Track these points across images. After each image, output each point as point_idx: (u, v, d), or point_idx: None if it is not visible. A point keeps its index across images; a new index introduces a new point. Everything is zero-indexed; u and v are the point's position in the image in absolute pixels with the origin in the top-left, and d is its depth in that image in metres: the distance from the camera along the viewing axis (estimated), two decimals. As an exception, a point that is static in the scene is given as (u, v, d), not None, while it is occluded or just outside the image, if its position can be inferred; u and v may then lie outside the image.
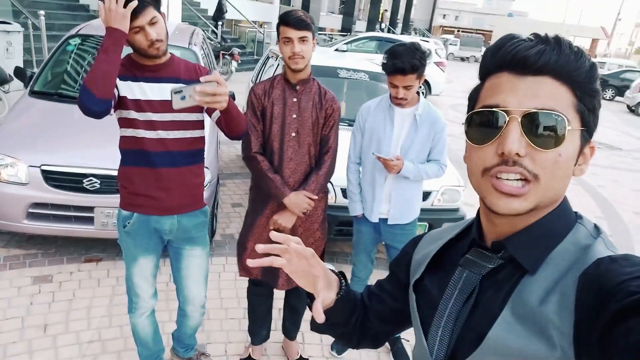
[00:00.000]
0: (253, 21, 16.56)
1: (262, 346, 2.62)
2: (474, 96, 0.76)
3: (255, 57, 15.29)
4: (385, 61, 2.24)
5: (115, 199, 3.10)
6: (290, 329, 2.62)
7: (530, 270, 0.67)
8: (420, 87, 8.60)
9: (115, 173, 3.09)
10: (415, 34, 31.20)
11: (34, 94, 3.78)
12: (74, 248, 3.49)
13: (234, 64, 11.89)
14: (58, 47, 4.09)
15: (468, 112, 0.74)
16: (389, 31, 25.78)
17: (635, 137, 12.24)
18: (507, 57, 0.68)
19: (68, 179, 3.08)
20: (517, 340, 0.64)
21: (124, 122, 1.90)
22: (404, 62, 2.16)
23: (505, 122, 0.66)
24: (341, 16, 24.18)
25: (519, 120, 0.65)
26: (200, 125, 2.00)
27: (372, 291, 1.00)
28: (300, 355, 2.66)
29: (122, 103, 1.85)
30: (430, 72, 11.98)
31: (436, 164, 2.45)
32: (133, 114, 1.86)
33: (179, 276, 2.21)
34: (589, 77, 0.66)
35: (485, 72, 0.73)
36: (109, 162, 3.04)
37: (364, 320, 0.97)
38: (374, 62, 5.48)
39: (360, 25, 26.26)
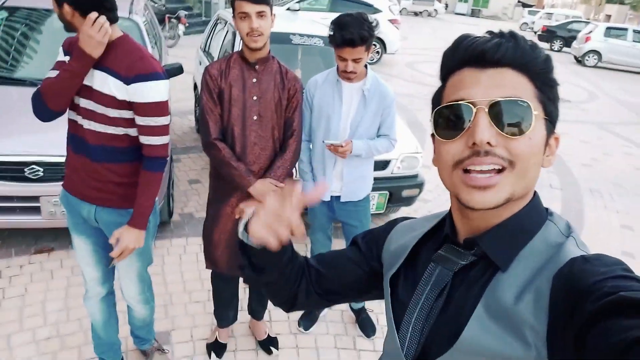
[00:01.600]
0: (199, -20, 15.73)
1: (229, 328, 2.60)
2: (437, 97, 0.76)
3: (203, 18, 14.61)
4: (332, 33, 2.13)
5: (60, 187, 2.95)
6: (257, 310, 2.61)
7: (502, 267, 0.68)
8: (375, 45, 8.51)
9: (59, 159, 2.96)
10: (368, -12, 30.49)
11: (-40, 75, 3.45)
12: (22, 239, 3.31)
13: (181, 27, 11.33)
14: (-18, 22, 3.72)
15: (433, 112, 0.74)
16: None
17: (583, 88, 12.67)
18: (465, 54, 0.70)
19: (8, 168, 2.87)
20: (492, 340, 0.64)
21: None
22: (353, 34, 2.06)
23: (472, 114, 0.66)
24: (291, -28, 23.30)
25: (486, 110, 0.65)
26: (116, 123, 1.79)
27: (327, 257, 0.98)
28: (268, 334, 2.66)
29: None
30: (385, 30, 11.82)
31: (386, 139, 2.42)
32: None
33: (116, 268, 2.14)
34: (545, 67, 0.69)
35: (446, 72, 0.74)
36: (53, 148, 2.86)
37: (303, 278, 0.93)
38: (326, 22, 5.32)
39: (311, -19, 25.38)
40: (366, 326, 2.81)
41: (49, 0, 4.11)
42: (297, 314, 2.86)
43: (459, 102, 0.68)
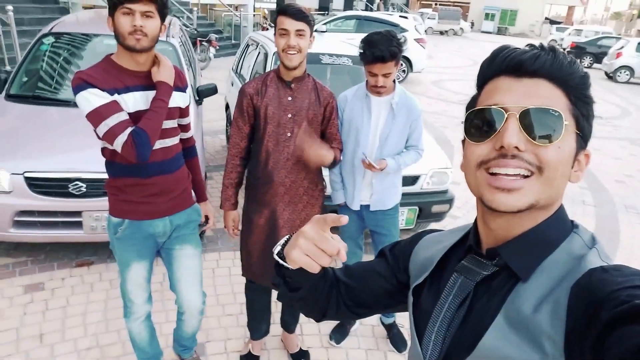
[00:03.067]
0: (228, 4, 16.24)
1: (261, 341, 2.64)
2: (471, 104, 0.77)
3: (232, 41, 15.03)
4: (362, 50, 2.22)
5: (102, 202, 3.07)
6: (289, 322, 2.64)
7: (523, 277, 0.68)
8: (402, 64, 8.59)
9: (101, 176, 3.10)
10: (393, 9, 30.93)
11: (10, 97, 3.67)
12: (63, 253, 3.45)
13: (212, 50, 11.68)
14: (32, 47, 3.96)
15: (468, 111, 0.76)
16: (366, 8, 25.51)
17: (614, 104, 12.41)
18: (503, 64, 0.71)
19: (53, 185, 3.02)
20: (510, 348, 0.64)
21: None
22: (383, 50, 2.14)
23: (503, 119, 0.67)
24: (318, -5, 23.82)
25: (517, 116, 0.67)
26: (177, 132, 2.02)
27: (355, 271, 0.99)
28: (300, 348, 2.68)
29: None
30: (411, 49, 11.91)
31: (414, 150, 2.50)
32: None
33: (174, 280, 2.19)
34: (582, 83, 0.69)
35: (482, 81, 0.76)
36: (94, 165, 2.98)
37: (333, 291, 0.96)
38: (353, 42, 5.42)
39: (337, 3, 25.90)
40: (397, 341, 2.82)
41: (91, 26, 4.36)
42: (329, 328, 2.88)
43: (491, 107, 0.70)
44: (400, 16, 15.19)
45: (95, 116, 1.71)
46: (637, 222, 5.08)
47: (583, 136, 0.71)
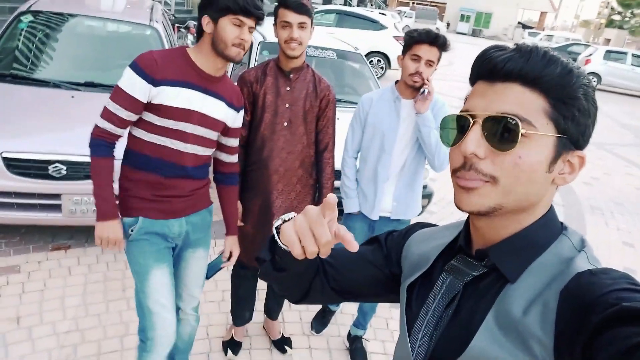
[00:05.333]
0: (207, -8, 15.94)
1: (244, 327, 2.66)
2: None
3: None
4: (412, 34, 2.07)
5: (82, 185, 3.03)
6: (273, 309, 2.67)
7: (511, 279, 0.69)
8: (380, 61, 8.63)
9: (82, 159, 3.04)
10: (372, 5, 31.02)
11: (-15, 75, 3.55)
12: (39, 236, 3.38)
13: (190, 37, 11.48)
14: (9, 25, 3.84)
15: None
16: (345, 3, 25.52)
17: (582, 109, 12.83)
18: (480, 67, 0.72)
19: (32, 166, 2.94)
20: (500, 350, 0.65)
21: (150, 127, 1.75)
22: (434, 34, 2.03)
23: (469, 125, 0.69)
24: (297, -13, 23.60)
25: (481, 123, 0.68)
26: (213, 145, 1.92)
27: (344, 256, 0.95)
28: (282, 334, 2.72)
29: (156, 109, 1.71)
30: (389, 46, 12.04)
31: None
32: (168, 122, 1.73)
33: (176, 276, 2.03)
34: (559, 83, 0.66)
35: (471, 82, 0.77)
36: (75, 147, 2.93)
37: (317, 277, 0.93)
38: (334, 35, 5.45)
39: (316, -4, 25.78)
40: (356, 357, 2.69)
41: (71, 5, 4.25)
42: (311, 316, 2.92)
43: (461, 113, 0.72)
44: (379, 13, 15.30)
45: (115, 91, 1.70)
46: (601, 222, 5.32)
47: (570, 138, 0.69)
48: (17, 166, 2.92)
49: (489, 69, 0.70)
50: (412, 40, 2.07)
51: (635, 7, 43.87)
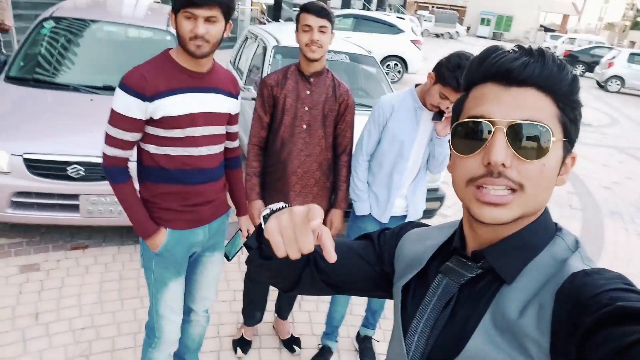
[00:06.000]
0: (226, -2, 16.16)
1: (254, 327, 2.70)
2: (458, 107, 0.76)
3: (229, 34, 15.01)
4: (453, 74, 1.99)
5: (100, 186, 3.12)
6: (284, 309, 2.71)
7: (508, 280, 0.69)
8: (397, 64, 8.61)
9: (99, 160, 3.12)
10: (390, 10, 31.00)
11: (9, 79, 3.69)
12: (58, 236, 3.48)
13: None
14: (32, 31, 3.98)
15: (453, 123, 0.75)
16: (363, 8, 25.56)
17: (604, 113, 12.62)
18: (491, 69, 0.69)
19: (51, 167, 3.04)
20: (496, 352, 0.65)
21: (156, 140, 1.73)
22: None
23: (490, 132, 0.66)
24: (316, -8, 23.77)
25: (505, 130, 0.66)
26: (224, 139, 1.92)
27: (337, 252, 0.92)
28: (291, 334, 2.75)
29: (160, 122, 1.69)
30: (407, 50, 12.03)
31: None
32: (174, 132, 1.71)
33: (192, 280, 2.08)
34: (570, 89, 0.68)
35: (470, 83, 0.74)
36: (93, 149, 3.02)
37: (307, 267, 0.93)
38: (350, 40, 5.49)
39: (335, 1, 25.92)
40: (365, 357, 2.71)
41: (91, 12, 4.38)
42: (321, 317, 2.94)
43: (479, 120, 0.68)
44: (397, 17, 15.29)
45: (113, 117, 1.67)
46: (621, 227, 5.21)
47: (570, 140, 0.71)
48: (37, 167, 3.02)
49: (503, 72, 0.67)
50: (448, 83, 2.03)
51: (661, 9, 42.81)
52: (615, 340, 0.51)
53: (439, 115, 2.15)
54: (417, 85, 2.25)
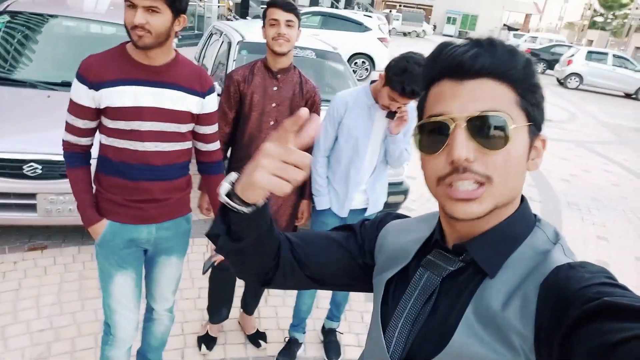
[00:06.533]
0: (192, -6, 15.97)
1: (220, 324, 2.69)
2: (421, 106, 0.77)
3: (196, 32, 14.74)
4: (397, 78, 1.99)
5: (58, 185, 3.04)
6: (250, 304, 2.71)
7: (490, 273, 0.69)
8: (365, 62, 8.70)
9: (57, 158, 3.05)
10: (359, 8, 31.17)
11: (-40, 76, 3.55)
12: (15, 237, 3.37)
13: (174, 39, 11.49)
14: (-16, 25, 3.83)
15: (417, 123, 0.75)
16: (332, 6, 25.63)
17: (564, 109, 13.06)
18: (444, 65, 0.70)
19: (7, 165, 2.94)
20: (481, 345, 0.65)
21: (107, 131, 1.73)
22: (421, 91, 1.96)
23: (450, 129, 0.67)
24: (283, -10, 23.72)
25: (464, 125, 0.66)
26: (182, 138, 1.83)
27: (315, 242, 0.92)
28: (257, 329, 2.75)
29: (105, 112, 1.69)
30: (374, 47, 12.13)
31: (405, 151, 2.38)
32: (119, 123, 1.69)
33: (150, 281, 2.06)
34: (525, 73, 0.68)
35: (428, 82, 0.74)
36: (50, 146, 2.93)
37: (282, 253, 0.88)
38: (318, 38, 5.52)
39: (303, -1, 25.88)
40: (331, 349, 2.73)
41: (49, 6, 4.25)
42: (287, 311, 2.95)
43: (438, 118, 0.68)
44: (364, 15, 15.41)
45: (69, 103, 1.72)
46: (578, 217, 5.42)
47: (536, 124, 0.71)
48: (-9, 166, 2.92)
49: (454, 66, 0.68)
50: (399, 92, 2.02)
51: (617, 9, 44.60)
52: (601, 336, 0.51)
53: (392, 113, 2.18)
54: (372, 82, 2.26)
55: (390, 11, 31.99)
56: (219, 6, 17.94)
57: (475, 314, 0.67)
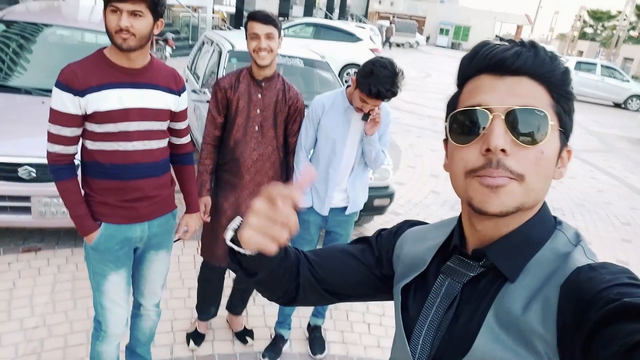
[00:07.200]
0: (187, 5, 16.17)
1: (208, 321, 2.77)
2: (452, 102, 0.76)
3: (190, 42, 14.93)
4: (364, 80, 2.14)
5: (52, 188, 3.10)
6: (237, 306, 2.80)
7: (511, 278, 0.68)
8: (356, 72, 8.65)
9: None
10: (352, 19, 31.53)
11: (-43, 83, 3.65)
12: (9, 239, 3.45)
13: (168, 49, 11.63)
14: (-19, 34, 3.94)
15: (448, 117, 0.75)
16: (325, 17, 25.94)
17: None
18: (484, 61, 0.70)
19: (2, 169, 3.03)
20: (503, 350, 0.64)
21: (92, 135, 1.79)
22: (387, 92, 2.13)
23: (489, 120, 0.66)
24: (278, 1, 24.04)
25: (502, 117, 0.66)
26: (165, 135, 1.96)
27: (330, 258, 0.94)
28: (245, 327, 2.84)
29: (92, 117, 1.74)
30: (365, 58, 12.26)
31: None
32: (107, 127, 1.77)
33: (138, 277, 2.14)
34: (563, 79, 0.69)
35: (464, 78, 0.74)
36: (45, 150, 3.03)
37: (302, 275, 0.91)
38: (310, 48, 5.66)
39: (297, 10, 26.20)
40: (315, 344, 2.82)
41: (43, 16, 4.36)
42: (274, 309, 3.04)
43: (476, 108, 0.68)
44: (357, 26, 15.63)
45: (51, 114, 1.75)
46: (562, 221, 5.55)
47: (565, 133, 0.71)
48: (-14, 169, 3.01)
49: (496, 62, 0.68)
50: (367, 93, 2.16)
51: (605, 21, 45.33)
52: (623, 337, 0.51)
53: (366, 116, 2.31)
54: (348, 86, 2.39)
55: (391, 23, 32.29)
56: (213, 17, 18.17)
57: (496, 319, 0.66)
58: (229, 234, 0.78)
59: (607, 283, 0.59)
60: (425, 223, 0.96)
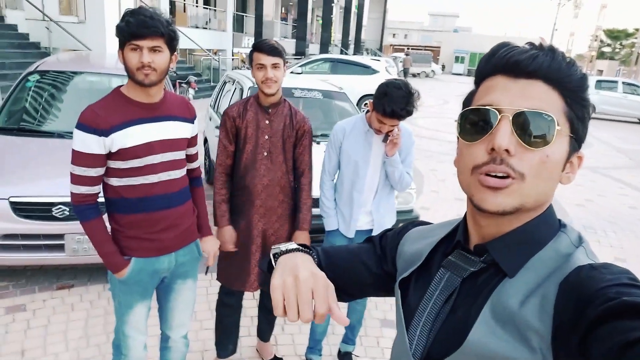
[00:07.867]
0: (207, 49, 16.79)
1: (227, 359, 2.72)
2: (468, 100, 0.78)
3: (211, 84, 15.44)
4: (379, 101, 2.23)
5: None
6: (265, 331, 2.79)
7: (510, 273, 0.69)
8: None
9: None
10: (367, 53, 32.18)
11: (-5, 130, 3.85)
12: (44, 277, 3.55)
13: (191, 91, 12.06)
14: (17, 84, 4.19)
15: (462, 110, 0.77)
16: (341, 53, 26.54)
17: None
18: (501, 62, 0.71)
19: (37, 209, 3.16)
20: (498, 343, 0.65)
21: (117, 172, 1.83)
22: (402, 110, 2.20)
23: (497, 120, 0.67)
24: (294, 40, 24.76)
25: (510, 118, 0.66)
26: (184, 164, 2.02)
27: (338, 258, 0.97)
28: (275, 355, 2.82)
29: (117, 155, 1.80)
30: (383, 88, 12.45)
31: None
32: (133, 162, 1.82)
33: (166, 308, 2.16)
34: (579, 85, 0.69)
35: (480, 77, 0.76)
36: (77, 189, 3.15)
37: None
38: (328, 82, 5.81)
39: (313, 48, 26.91)
40: None
41: (73, 64, 4.60)
42: (303, 338, 3.02)
43: (486, 107, 0.69)
44: (372, 59, 15.93)
45: (74, 156, 1.79)
46: (594, 239, 5.40)
47: (577, 139, 0.71)
48: (23, 209, 3.14)
49: (511, 64, 0.69)
50: (382, 113, 2.24)
51: (623, 39, 45.03)
52: (619, 334, 0.52)
53: (386, 137, 2.37)
54: (367, 112, 2.47)
55: (407, 55, 32.78)
56: (232, 58, 18.79)
57: (492, 313, 0.67)
58: (274, 249, 0.81)
59: (607, 282, 0.59)
60: (431, 223, 0.98)
